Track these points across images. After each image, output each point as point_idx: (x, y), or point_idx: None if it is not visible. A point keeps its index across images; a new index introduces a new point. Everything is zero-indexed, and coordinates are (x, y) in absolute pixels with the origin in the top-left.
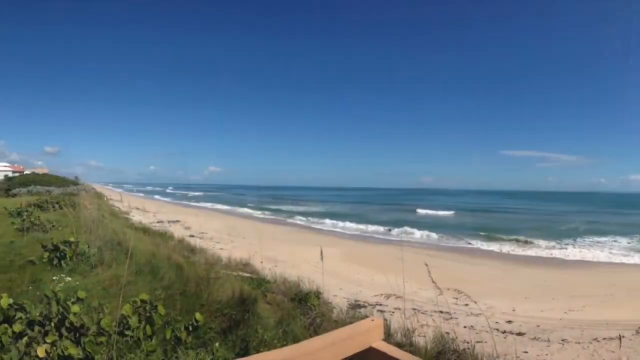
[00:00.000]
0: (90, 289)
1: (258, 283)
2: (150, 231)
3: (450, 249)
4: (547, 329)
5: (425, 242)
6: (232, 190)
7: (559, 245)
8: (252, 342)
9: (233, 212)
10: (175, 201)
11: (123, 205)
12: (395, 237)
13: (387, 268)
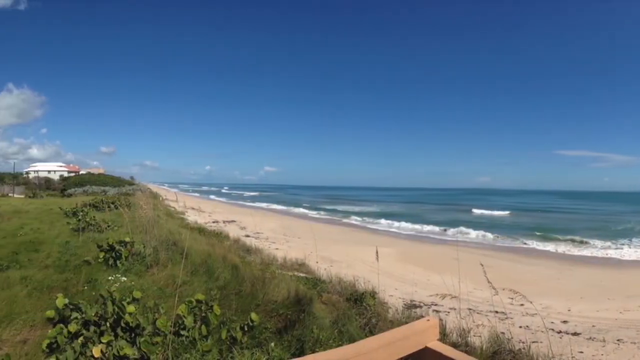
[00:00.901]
0: (146, 289)
1: (314, 283)
2: (205, 231)
3: (505, 249)
4: (602, 329)
5: (480, 242)
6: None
7: (614, 245)
8: (307, 342)
9: (288, 212)
10: (230, 201)
11: (178, 205)
12: (451, 237)
13: (443, 268)
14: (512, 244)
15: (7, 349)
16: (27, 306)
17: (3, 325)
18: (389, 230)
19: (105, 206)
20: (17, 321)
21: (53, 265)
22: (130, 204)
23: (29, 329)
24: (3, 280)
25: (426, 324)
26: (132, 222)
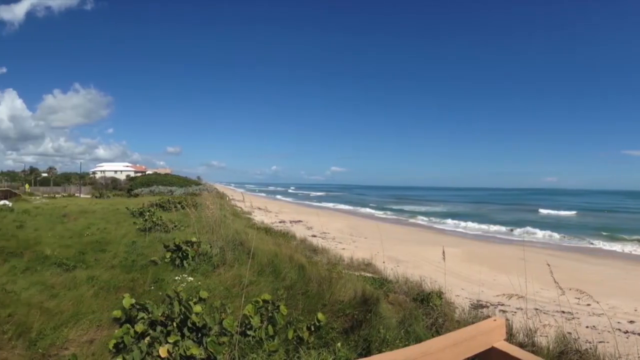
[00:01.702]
0: (213, 289)
1: (380, 283)
2: (272, 231)
3: (572, 249)
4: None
5: (547, 242)
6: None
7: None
8: (374, 342)
9: (355, 212)
10: (297, 201)
11: (245, 205)
12: (517, 237)
13: (509, 268)
14: (579, 244)
15: (74, 349)
16: (94, 306)
17: (70, 325)
18: (455, 231)
19: (171, 206)
20: (84, 321)
21: (120, 265)
22: (197, 204)
23: (95, 329)
24: (70, 280)
25: (493, 324)
26: (198, 222)
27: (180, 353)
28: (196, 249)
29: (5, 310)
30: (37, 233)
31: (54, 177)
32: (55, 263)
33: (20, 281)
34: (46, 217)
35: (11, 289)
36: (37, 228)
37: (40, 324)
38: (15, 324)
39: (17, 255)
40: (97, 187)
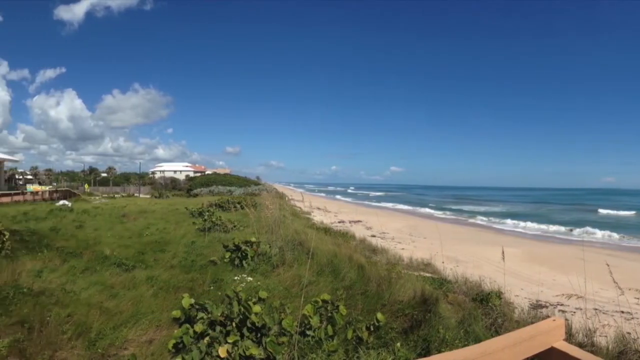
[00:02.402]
0: (272, 289)
1: (439, 283)
2: (331, 231)
3: (631, 249)
4: None
5: (606, 242)
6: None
7: None
8: (433, 342)
9: (414, 212)
10: (356, 201)
11: (304, 205)
12: (577, 237)
13: (568, 268)
14: (638, 244)
15: (133, 349)
16: (153, 306)
17: (129, 326)
18: (514, 230)
19: (231, 206)
20: (143, 321)
21: (179, 265)
22: (256, 204)
23: (154, 329)
24: (129, 280)
25: (552, 324)
26: (258, 222)
27: (240, 353)
28: (255, 249)
29: (65, 310)
30: (96, 233)
31: (113, 177)
32: (115, 263)
33: (80, 281)
34: (105, 217)
35: (70, 289)
36: (97, 228)
37: (100, 324)
38: (74, 324)
39: (77, 256)
40: (157, 187)
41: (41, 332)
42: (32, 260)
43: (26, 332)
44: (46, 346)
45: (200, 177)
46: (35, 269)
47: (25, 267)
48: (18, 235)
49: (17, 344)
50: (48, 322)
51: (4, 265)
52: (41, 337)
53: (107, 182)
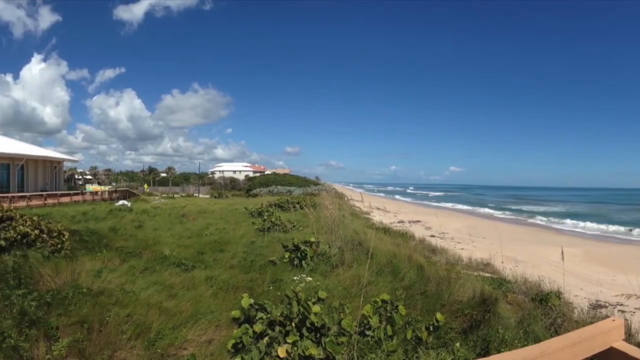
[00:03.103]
0: (331, 289)
1: (499, 283)
2: (390, 231)
3: None
4: None
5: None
6: (472, 190)
7: None
8: (492, 342)
9: (473, 212)
10: (415, 201)
11: (364, 205)
12: (636, 237)
13: (628, 268)
14: None
15: (192, 349)
16: (212, 306)
17: (188, 326)
18: (573, 230)
19: (290, 206)
20: (203, 321)
21: (238, 265)
22: (316, 204)
23: (214, 329)
24: (189, 280)
25: (611, 324)
26: (317, 222)
27: (299, 353)
28: (315, 249)
29: (124, 310)
30: (155, 233)
31: (172, 177)
32: (174, 263)
33: (139, 281)
34: (165, 217)
35: (130, 289)
36: (156, 228)
37: (159, 324)
38: (134, 324)
39: (136, 255)
40: (216, 187)
41: (100, 332)
42: (91, 260)
43: (85, 332)
44: (105, 346)
45: (260, 177)
46: (94, 269)
47: (84, 267)
48: (77, 235)
49: (76, 344)
50: (107, 322)
51: (63, 265)
52: (100, 337)
53: (166, 182)
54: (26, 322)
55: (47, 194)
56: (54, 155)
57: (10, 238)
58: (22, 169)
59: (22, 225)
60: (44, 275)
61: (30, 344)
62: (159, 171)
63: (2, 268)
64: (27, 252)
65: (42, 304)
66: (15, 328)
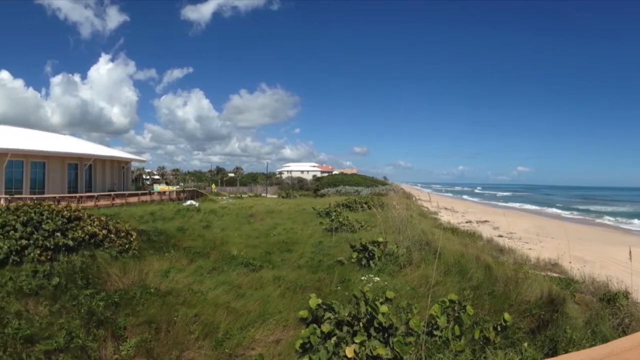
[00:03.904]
0: (399, 289)
1: (566, 283)
2: (458, 231)
3: None
4: None
5: None
6: (540, 190)
7: None
8: (560, 342)
9: (541, 212)
10: (483, 201)
11: (431, 205)
12: None
13: None
14: None
15: (260, 349)
16: (280, 306)
17: (256, 326)
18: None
19: (358, 206)
20: (270, 321)
21: (306, 265)
22: (383, 204)
23: (281, 329)
24: (256, 280)
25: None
26: (385, 222)
27: (367, 353)
28: (382, 249)
29: (192, 310)
30: (223, 233)
31: (240, 177)
32: (242, 263)
33: (207, 281)
34: (233, 217)
35: (198, 289)
36: (224, 228)
37: (227, 324)
38: (201, 324)
39: (204, 256)
40: (284, 187)
41: (168, 332)
42: (159, 260)
43: (153, 332)
44: (173, 346)
45: (328, 177)
46: (162, 269)
47: (152, 267)
48: (145, 236)
49: (144, 344)
50: (175, 322)
51: (131, 266)
52: (168, 337)
53: (234, 182)
54: (94, 322)
55: (114, 194)
56: (122, 155)
57: (78, 238)
58: (90, 169)
59: (89, 225)
60: (112, 275)
61: (98, 344)
62: (227, 171)
63: (70, 268)
64: (94, 252)
65: (109, 304)
66: (83, 328)
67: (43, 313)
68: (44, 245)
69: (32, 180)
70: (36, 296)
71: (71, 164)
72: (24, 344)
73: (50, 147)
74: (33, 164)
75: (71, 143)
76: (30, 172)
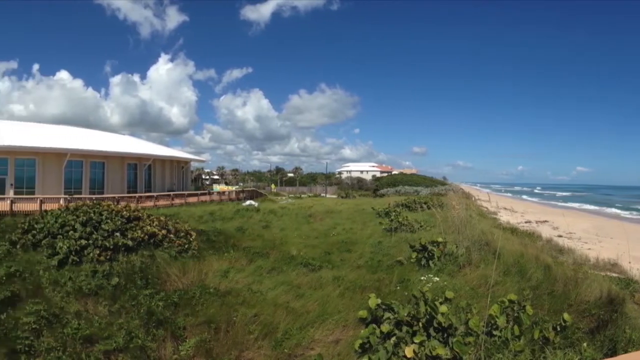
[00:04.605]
0: (458, 289)
1: (626, 283)
2: (517, 231)
3: None
4: None
5: None
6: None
7: None
8: (619, 343)
9: (600, 212)
10: (542, 201)
11: (490, 205)
12: None
13: None
14: None
15: (319, 349)
16: (340, 306)
17: (315, 326)
18: None
19: (417, 206)
20: (330, 321)
21: (365, 265)
22: (443, 204)
23: (341, 329)
24: (316, 280)
25: None
26: (444, 222)
27: (426, 353)
28: (442, 249)
29: (251, 310)
30: (282, 233)
31: (299, 177)
32: (301, 263)
33: (266, 281)
34: (292, 217)
35: (257, 289)
36: (283, 228)
37: (286, 324)
38: (261, 324)
39: (263, 256)
40: (343, 187)
41: (227, 332)
42: (218, 260)
43: (212, 332)
44: (232, 346)
45: (387, 177)
46: (221, 269)
47: (211, 267)
48: (204, 236)
49: (203, 344)
50: (234, 322)
51: (190, 266)
52: (227, 338)
53: (293, 182)
54: (153, 322)
55: (174, 194)
56: (181, 155)
57: (137, 238)
58: (149, 169)
59: (149, 225)
60: (171, 275)
61: (157, 344)
62: (286, 171)
63: (129, 268)
64: (154, 252)
65: (169, 304)
66: (142, 328)
67: (102, 313)
68: (103, 245)
69: (91, 180)
70: (95, 296)
71: (130, 164)
72: (83, 343)
73: (110, 147)
74: (92, 164)
75: (130, 143)
76: (89, 172)
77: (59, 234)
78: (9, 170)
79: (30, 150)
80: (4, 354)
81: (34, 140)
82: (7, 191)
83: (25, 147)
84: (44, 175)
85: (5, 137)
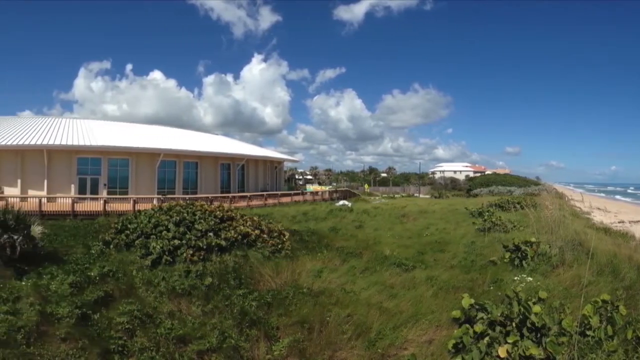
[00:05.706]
0: (551, 289)
1: None
2: (610, 231)
3: None
4: None
5: None
6: None
7: None
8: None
9: None
10: (636, 201)
11: (583, 205)
12: None
13: None
14: None
15: (413, 349)
16: (433, 306)
17: (409, 326)
18: None
19: (510, 206)
20: (423, 321)
21: (458, 265)
22: (536, 204)
23: (434, 329)
24: (409, 280)
25: None
26: (537, 222)
27: (520, 353)
28: (535, 249)
29: (344, 310)
30: (376, 233)
31: (392, 177)
32: (394, 263)
33: (359, 281)
34: (385, 217)
35: (350, 289)
36: (376, 228)
37: (379, 324)
38: (354, 324)
39: (356, 256)
40: (436, 187)
41: (321, 332)
42: (311, 260)
43: (306, 332)
44: (326, 346)
45: (480, 177)
46: (314, 269)
47: (304, 267)
48: (298, 236)
49: (296, 344)
50: (327, 322)
51: (283, 266)
52: (321, 338)
53: (386, 182)
54: (246, 322)
55: (267, 194)
56: (274, 155)
57: (230, 238)
58: (243, 169)
59: (242, 225)
60: (264, 275)
61: (251, 344)
62: (379, 171)
63: (222, 268)
64: (247, 252)
65: (262, 304)
66: (235, 328)
67: (195, 313)
68: (197, 246)
69: (184, 180)
70: (189, 296)
71: (224, 164)
72: (176, 344)
73: (203, 147)
74: (185, 164)
75: (224, 143)
76: (182, 172)
77: (152, 234)
78: (102, 170)
79: (124, 151)
80: (97, 354)
81: (127, 140)
82: (100, 191)
83: (119, 147)
84: (137, 175)
85: (98, 137)
